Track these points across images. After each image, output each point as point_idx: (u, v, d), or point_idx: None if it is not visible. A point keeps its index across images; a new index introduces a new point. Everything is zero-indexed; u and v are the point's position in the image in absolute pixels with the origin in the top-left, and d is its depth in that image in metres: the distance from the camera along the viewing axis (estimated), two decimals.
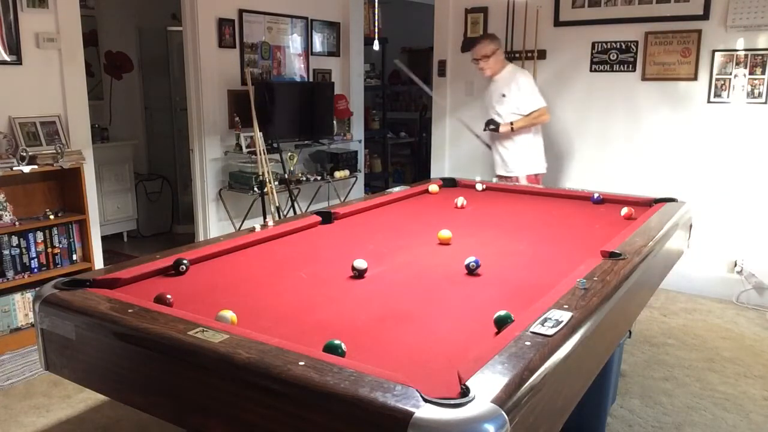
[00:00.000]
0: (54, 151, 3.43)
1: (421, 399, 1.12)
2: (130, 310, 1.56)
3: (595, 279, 1.83)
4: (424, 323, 1.67)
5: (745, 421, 2.69)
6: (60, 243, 3.53)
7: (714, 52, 3.99)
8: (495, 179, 4.04)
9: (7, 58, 3.36)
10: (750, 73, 3.89)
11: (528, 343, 1.38)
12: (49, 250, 3.49)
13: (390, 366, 1.30)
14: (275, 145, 4.57)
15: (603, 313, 1.66)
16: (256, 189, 4.42)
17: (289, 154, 4.80)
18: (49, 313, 1.65)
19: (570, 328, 1.48)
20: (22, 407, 2.74)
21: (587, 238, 2.48)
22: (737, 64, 3.92)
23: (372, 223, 2.83)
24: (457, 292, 1.91)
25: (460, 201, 3.11)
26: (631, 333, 2.72)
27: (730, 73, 3.96)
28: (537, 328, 1.46)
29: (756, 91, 3.89)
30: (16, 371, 3.08)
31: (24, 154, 3.29)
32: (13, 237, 3.32)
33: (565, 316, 1.53)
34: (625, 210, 2.87)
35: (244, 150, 4.48)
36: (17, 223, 3.33)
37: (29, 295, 3.38)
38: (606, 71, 4.39)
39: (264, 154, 4.25)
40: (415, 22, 7.21)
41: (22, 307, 3.39)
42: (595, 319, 1.61)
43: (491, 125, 4.12)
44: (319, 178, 5.06)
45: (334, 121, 5.32)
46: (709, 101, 4.06)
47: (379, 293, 1.90)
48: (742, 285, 4.10)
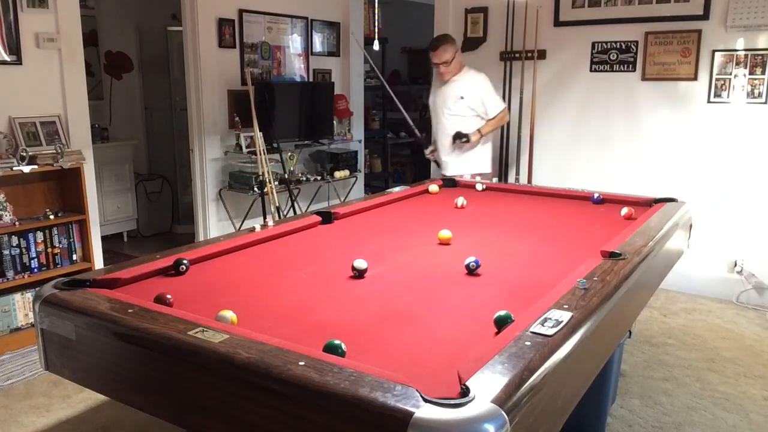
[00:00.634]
0: (54, 151, 3.42)
1: (421, 399, 1.12)
2: (130, 310, 1.56)
3: (595, 279, 1.83)
4: (424, 323, 1.67)
5: (745, 421, 2.69)
6: (60, 243, 3.53)
7: (714, 52, 3.99)
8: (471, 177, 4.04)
9: (7, 58, 3.36)
10: (750, 73, 3.89)
11: (528, 343, 1.38)
12: (49, 250, 3.49)
13: (390, 366, 1.30)
14: (275, 145, 4.57)
15: (603, 313, 1.66)
16: (256, 189, 4.42)
17: (289, 154, 4.80)
18: (49, 313, 1.65)
19: (570, 328, 1.48)
20: (22, 407, 2.74)
21: (587, 238, 2.48)
22: (737, 64, 3.92)
23: (372, 223, 2.83)
24: (457, 292, 1.91)
25: (460, 201, 3.11)
26: (631, 333, 2.72)
27: (730, 73, 3.96)
28: (537, 328, 1.46)
29: (756, 91, 3.89)
30: (16, 371, 3.08)
31: (24, 154, 3.29)
32: (13, 237, 3.32)
33: (565, 316, 1.53)
34: (625, 210, 2.87)
35: (244, 150, 4.48)
36: (17, 223, 3.33)
37: (29, 295, 3.38)
38: (606, 71, 4.39)
39: (264, 154, 4.25)
40: (415, 22, 7.20)
41: (22, 307, 3.39)
42: (595, 319, 1.61)
43: (462, 138, 4.10)
44: (319, 178, 5.07)
45: (334, 121, 5.32)
46: (709, 101, 4.06)
47: (379, 293, 1.90)
48: (742, 285, 4.10)
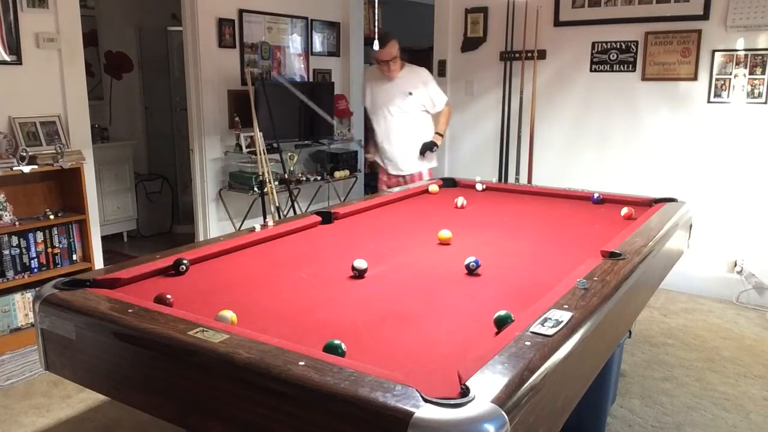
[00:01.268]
0: (54, 151, 3.42)
1: (421, 399, 1.12)
2: (130, 310, 1.56)
3: (595, 279, 1.83)
4: (425, 323, 1.67)
5: (745, 421, 2.69)
6: (60, 243, 3.53)
7: (714, 52, 3.99)
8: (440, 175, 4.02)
9: (7, 58, 3.36)
10: (750, 73, 3.89)
11: (528, 343, 1.38)
12: (49, 250, 3.49)
13: (390, 366, 1.30)
14: (275, 145, 4.57)
15: (603, 313, 1.66)
16: (256, 189, 4.42)
17: (289, 154, 4.80)
18: (49, 313, 1.65)
19: (570, 328, 1.48)
20: (22, 407, 2.74)
21: (587, 238, 2.48)
22: (737, 64, 3.92)
23: (372, 223, 2.83)
24: (457, 293, 1.91)
25: (460, 201, 3.11)
26: (631, 333, 2.72)
27: (730, 73, 3.96)
28: (537, 328, 1.46)
29: (756, 91, 3.89)
30: (16, 371, 3.08)
31: (24, 154, 3.29)
32: (13, 237, 3.32)
33: (565, 316, 1.53)
34: (625, 210, 2.87)
35: (244, 150, 4.48)
36: (17, 223, 3.33)
37: (29, 295, 3.38)
38: (606, 71, 4.39)
39: (264, 154, 4.25)
40: (415, 22, 7.20)
41: (22, 307, 3.39)
42: (595, 319, 1.61)
43: (432, 148, 4.09)
44: (319, 178, 5.06)
45: (334, 121, 5.32)
46: (709, 101, 4.06)
47: (379, 293, 1.90)
48: (742, 285, 4.10)
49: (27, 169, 3.29)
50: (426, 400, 1.12)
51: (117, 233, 5.45)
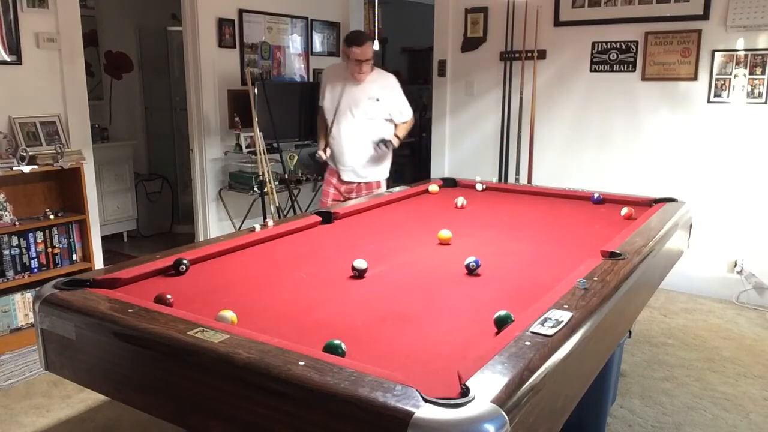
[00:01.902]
0: (54, 151, 3.43)
1: (421, 399, 1.12)
2: (130, 310, 1.56)
3: (595, 279, 1.83)
4: (424, 323, 1.67)
5: (745, 421, 2.69)
6: (60, 243, 3.53)
7: (714, 52, 3.99)
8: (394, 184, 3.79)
9: (7, 58, 3.36)
10: (750, 73, 3.89)
11: (528, 343, 1.38)
12: (49, 250, 3.49)
13: (390, 366, 1.30)
14: (275, 145, 4.57)
15: (603, 313, 1.66)
16: (256, 189, 4.42)
17: (289, 154, 4.80)
18: (49, 313, 1.65)
19: (570, 328, 1.48)
20: (22, 407, 2.74)
21: (587, 238, 2.47)
22: (737, 64, 3.92)
23: (372, 223, 2.83)
24: (457, 292, 1.91)
25: (460, 201, 3.11)
26: (631, 333, 2.72)
27: (730, 73, 3.96)
28: (537, 328, 1.46)
29: (756, 91, 3.89)
30: (16, 371, 3.08)
31: (24, 154, 3.29)
32: (13, 237, 3.32)
33: (565, 316, 1.53)
34: (625, 210, 2.87)
35: (244, 150, 4.48)
36: (17, 223, 3.33)
37: (29, 295, 3.38)
38: (606, 71, 4.39)
39: (264, 154, 4.25)
40: (415, 22, 7.20)
41: (22, 307, 3.39)
42: (595, 319, 1.61)
43: (388, 144, 3.81)
44: (319, 178, 5.06)
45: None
46: (709, 101, 4.06)
47: (379, 293, 1.90)
48: (742, 285, 4.10)
49: (27, 169, 3.29)
50: (426, 400, 1.12)
51: (117, 233, 5.45)
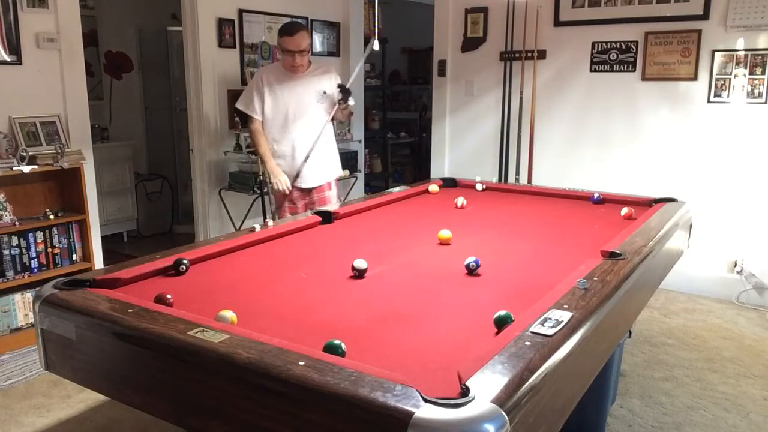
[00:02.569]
0: (54, 151, 3.43)
1: (421, 399, 1.12)
2: (130, 310, 1.56)
3: (595, 279, 1.83)
4: (424, 323, 1.67)
5: (745, 421, 2.69)
6: (60, 243, 3.53)
7: (714, 52, 3.99)
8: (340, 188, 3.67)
9: (7, 58, 3.36)
10: (750, 73, 3.89)
11: (528, 343, 1.38)
12: (49, 250, 3.49)
13: (390, 366, 1.30)
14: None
15: (603, 313, 1.66)
16: (256, 189, 4.42)
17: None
18: (49, 313, 1.65)
19: (570, 328, 1.48)
20: (22, 407, 2.74)
21: (587, 238, 2.48)
22: (737, 64, 3.92)
23: (372, 223, 2.83)
24: (457, 292, 1.91)
25: (460, 201, 3.11)
26: (631, 333, 2.72)
27: (730, 73, 3.96)
28: (537, 328, 1.46)
29: (756, 91, 3.89)
30: (16, 371, 3.08)
31: (24, 154, 3.29)
32: (13, 237, 3.32)
33: (565, 316, 1.53)
34: (625, 210, 2.87)
35: (244, 150, 4.48)
36: (17, 223, 3.33)
37: (29, 295, 3.38)
38: (606, 71, 4.39)
39: None
40: (415, 22, 7.21)
41: (22, 307, 3.39)
42: (595, 319, 1.61)
43: (347, 95, 3.56)
44: None
45: (334, 121, 5.31)
46: (709, 101, 4.06)
47: (379, 293, 1.90)
48: (742, 285, 4.10)
49: (27, 169, 3.29)
50: (426, 400, 1.12)
51: (117, 233, 5.45)
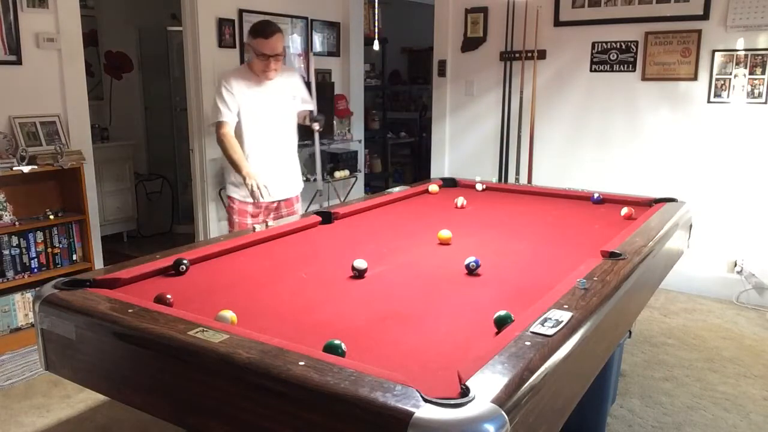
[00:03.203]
0: (54, 151, 3.43)
1: (421, 399, 1.12)
2: (130, 310, 1.56)
3: (595, 279, 1.83)
4: (424, 323, 1.67)
5: (745, 421, 2.69)
6: (60, 243, 3.53)
7: (714, 52, 3.99)
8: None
9: (7, 58, 3.36)
10: (750, 73, 3.89)
11: (528, 343, 1.38)
12: (49, 250, 3.49)
13: (390, 366, 1.30)
14: None
15: (603, 313, 1.66)
16: None
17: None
18: (49, 313, 1.65)
19: (570, 328, 1.48)
20: (22, 407, 2.74)
21: (587, 238, 2.48)
22: (737, 64, 3.92)
23: (372, 223, 2.83)
24: (457, 292, 1.91)
25: (460, 201, 3.11)
26: (631, 333, 2.72)
27: (730, 73, 3.96)
28: (537, 328, 1.46)
29: (756, 91, 3.89)
30: (16, 371, 3.08)
31: (24, 154, 3.30)
32: (13, 237, 3.32)
33: (565, 316, 1.53)
34: (625, 210, 2.87)
35: None
36: (17, 223, 3.33)
37: (29, 295, 3.38)
38: (606, 71, 4.39)
39: None
40: (415, 22, 7.21)
41: (22, 307, 3.39)
42: (595, 319, 1.61)
43: (319, 119, 3.46)
44: (314, 179, 5.05)
45: (334, 121, 5.32)
46: (709, 101, 4.06)
47: (379, 293, 1.90)
48: (742, 285, 4.10)
49: (27, 169, 3.29)
50: (426, 400, 1.12)
51: (117, 233, 5.45)
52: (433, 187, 3.52)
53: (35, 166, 3.33)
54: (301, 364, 1.25)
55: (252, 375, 1.26)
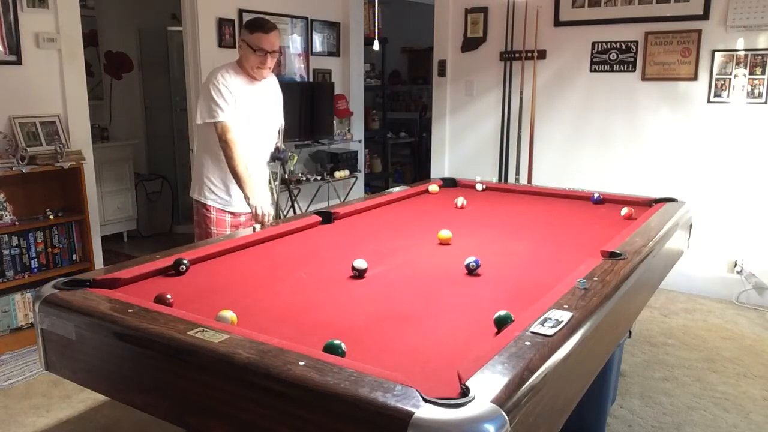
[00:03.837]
0: (54, 151, 3.43)
1: (421, 399, 1.12)
2: (130, 310, 1.56)
3: (595, 279, 1.83)
4: (424, 323, 1.67)
5: (745, 421, 2.69)
6: (60, 243, 3.53)
7: (714, 52, 3.99)
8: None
9: (7, 58, 3.36)
10: (750, 73, 3.89)
11: (528, 343, 1.38)
12: (49, 250, 3.49)
13: (390, 366, 1.30)
14: None
15: (603, 313, 1.66)
16: None
17: (289, 154, 4.80)
18: (49, 313, 1.65)
19: (570, 328, 1.48)
20: (22, 407, 2.74)
21: (587, 238, 2.47)
22: (737, 64, 3.92)
23: (372, 223, 2.83)
24: (457, 292, 1.91)
25: (460, 201, 3.11)
26: (631, 333, 2.72)
27: (730, 73, 3.96)
28: (537, 328, 1.46)
29: (756, 91, 3.89)
30: (16, 371, 3.08)
31: (24, 154, 3.30)
32: (13, 237, 3.32)
33: (565, 316, 1.53)
34: (625, 210, 2.87)
35: None
36: (17, 223, 3.33)
37: (29, 295, 3.38)
38: (606, 71, 4.39)
39: None
40: (415, 22, 7.21)
41: (22, 307, 3.39)
42: (595, 319, 1.61)
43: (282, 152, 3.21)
44: (319, 178, 5.06)
45: (334, 121, 5.32)
46: (709, 101, 4.06)
47: (379, 293, 1.90)
48: (742, 285, 4.10)
49: (27, 169, 3.29)
50: (426, 400, 1.12)
51: (117, 233, 5.45)
52: (433, 187, 3.52)
53: (35, 166, 3.33)
54: (301, 364, 1.25)
55: (252, 375, 1.26)
